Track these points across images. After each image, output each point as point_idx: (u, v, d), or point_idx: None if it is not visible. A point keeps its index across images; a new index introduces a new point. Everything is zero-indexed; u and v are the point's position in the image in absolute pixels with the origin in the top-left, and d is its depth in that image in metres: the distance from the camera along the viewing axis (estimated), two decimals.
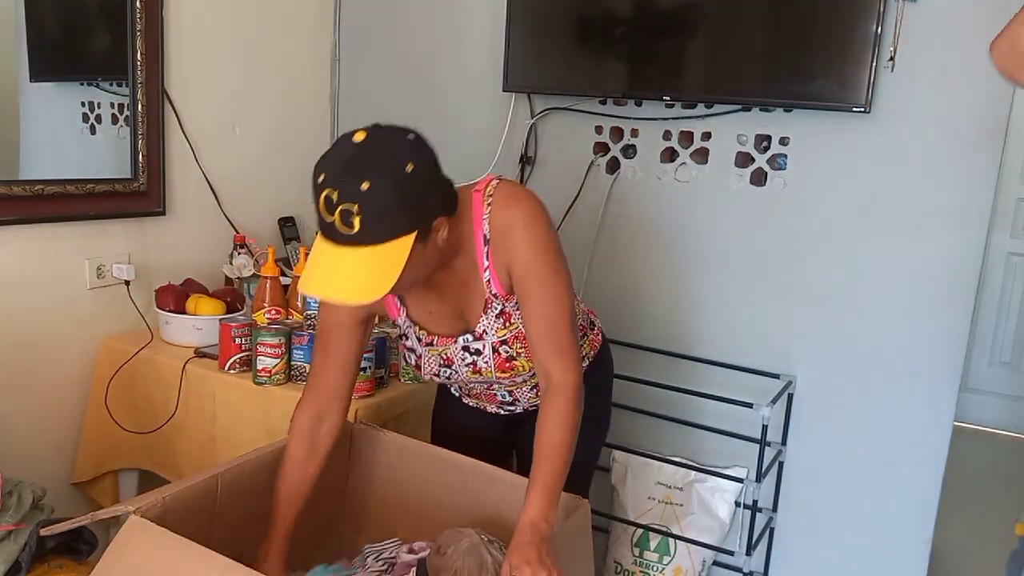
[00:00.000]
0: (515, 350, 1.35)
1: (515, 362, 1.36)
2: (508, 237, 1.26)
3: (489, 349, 1.36)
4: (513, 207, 1.27)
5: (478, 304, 1.33)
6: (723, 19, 2.02)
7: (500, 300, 1.32)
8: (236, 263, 2.14)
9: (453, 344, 1.37)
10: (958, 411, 1.99)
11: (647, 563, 2.15)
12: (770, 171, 2.08)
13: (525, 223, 1.26)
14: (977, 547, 2.81)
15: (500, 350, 1.36)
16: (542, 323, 1.28)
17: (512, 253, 1.27)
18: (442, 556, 1.21)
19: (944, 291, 1.93)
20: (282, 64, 2.44)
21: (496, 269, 1.29)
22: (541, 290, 1.27)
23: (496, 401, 1.52)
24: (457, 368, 1.39)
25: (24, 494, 1.46)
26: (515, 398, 1.50)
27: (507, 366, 1.37)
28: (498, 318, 1.34)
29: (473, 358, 1.37)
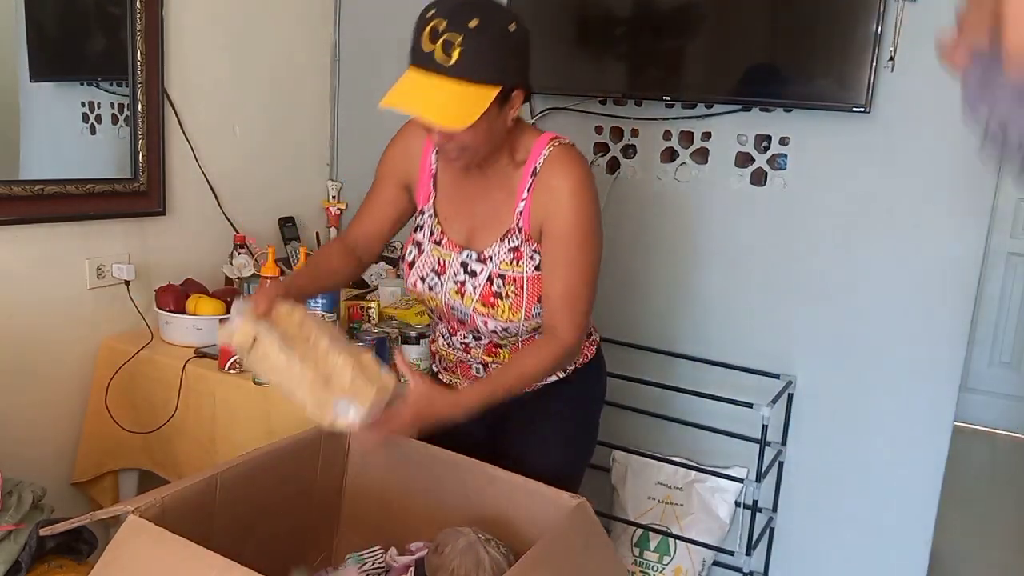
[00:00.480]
0: (506, 290, 1.35)
1: (500, 302, 1.36)
2: (554, 191, 1.31)
3: (485, 276, 1.36)
4: (569, 166, 1.31)
5: (498, 229, 1.36)
6: (723, 19, 2.02)
7: (521, 236, 1.34)
8: (236, 263, 2.14)
9: (456, 253, 1.39)
10: (958, 411, 1.99)
11: (647, 563, 2.15)
12: (770, 171, 2.08)
13: (574, 188, 1.30)
14: (977, 547, 2.81)
15: (494, 281, 1.36)
16: (562, 288, 1.32)
17: (553, 209, 1.31)
18: (440, 555, 1.21)
19: (944, 291, 1.93)
20: (282, 64, 2.44)
21: (531, 208, 1.33)
22: (570, 257, 1.31)
23: (470, 375, 1.50)
24: (444, 281, 1.39)
25: (24, 494, 1.47)
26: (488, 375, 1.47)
27: (491, 301, 1.36)
28: (510, 252, 1.35)
29: (465, 277, 1.38)
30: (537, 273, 1.35)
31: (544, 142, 1.34)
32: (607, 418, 2.20)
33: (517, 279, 1.35)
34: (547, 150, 1.33)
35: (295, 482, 1.40)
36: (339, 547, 1.50)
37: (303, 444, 1.41)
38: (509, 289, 1.35)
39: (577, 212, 1.31)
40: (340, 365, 1.24)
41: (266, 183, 2.44)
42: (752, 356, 2.14)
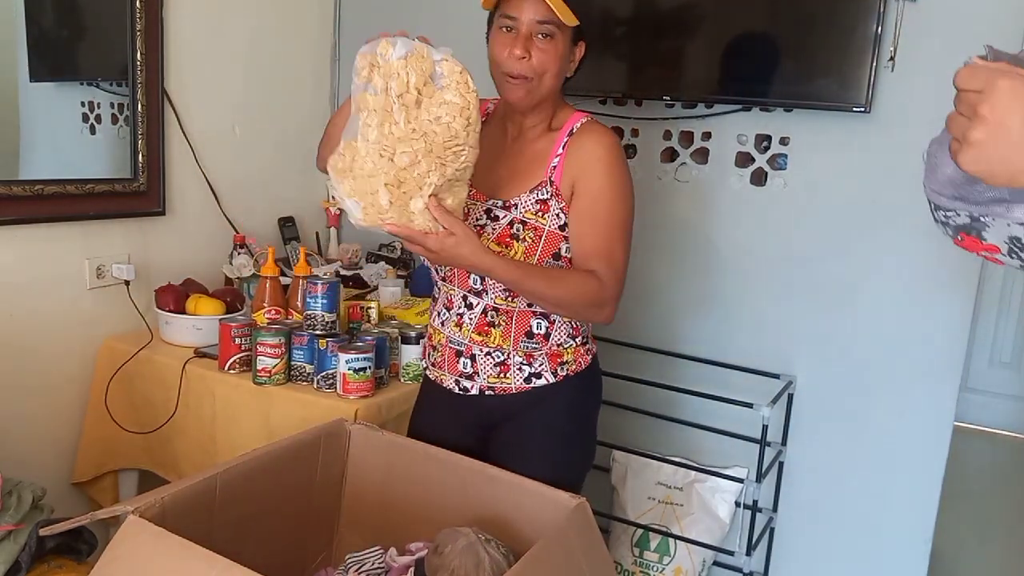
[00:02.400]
0: (524, 235, 1.38)
1: (515, 244, 1.39)
2: (590, 152, 1.38)
3: (506, 220, 1.39)
4: (606, 134, 1.41)
5: (529, 182, 1.40)
6: (723, 19, 2.02)
7: (551, 190, 1.39)
8: (236, 263, 2.14)
9: (481, 203, 1.43)
10: (958, 411, 1.99)
11: (647, 563, 2.15)
12: (770, 171, 2.08)
13: (609, 149, 1.38)
14: (977, 547, 2.81)
15: (514, 225, 1.39)
16: (594, 243, 1.37)
17: (587, 168, 1.37)
18: (439, 555, 1.21)
19: (944, 291, 1.93)
20: (282, 64, 2.44)
21: (565, 165, 1.39)
22: (602, 214, 1.37)
23: (456, 371, 1.48)
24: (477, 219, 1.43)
25: (24, 494, 1.47)
26: (476, 369, 1.46)
27: (506, 241, 1.39)
28: (537, 203, 1.39)
29: (486, 222, 1.41)
30: (559, 232, 1.39)
31: (581, 115, 1.44)
32: (607, 418, 2.21)
33: (538, 228, 1.38)
34: (583, 119, 1.42)
35: (295, 482, 1.40)
36: (339, 547, 1.50)
37: (303, 444, 1.41)
38: (528, 235, 1.38)
39: (610, 173, 1.37)
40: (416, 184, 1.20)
41: (266, 183, 2.44)
42: (752, 356, 2.14)
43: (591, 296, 1.34)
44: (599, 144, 1.38)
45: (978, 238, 0.72)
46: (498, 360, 1.45)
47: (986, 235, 0.71)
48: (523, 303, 1.42)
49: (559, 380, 1.47)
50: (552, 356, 1.46)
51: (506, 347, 1.44)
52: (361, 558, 1.39)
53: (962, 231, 0.73)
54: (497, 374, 1.46)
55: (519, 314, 1.43)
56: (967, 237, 0.73)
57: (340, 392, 1.66)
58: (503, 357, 1.45)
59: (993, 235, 0.70)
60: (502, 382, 1.46)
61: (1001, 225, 0.69)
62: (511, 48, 1.35)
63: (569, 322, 1.47)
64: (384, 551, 1.40)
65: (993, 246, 0.71)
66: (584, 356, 1.52)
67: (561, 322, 1.45)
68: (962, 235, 0.73)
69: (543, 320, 1.44)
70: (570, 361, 1.49)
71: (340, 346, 1.67)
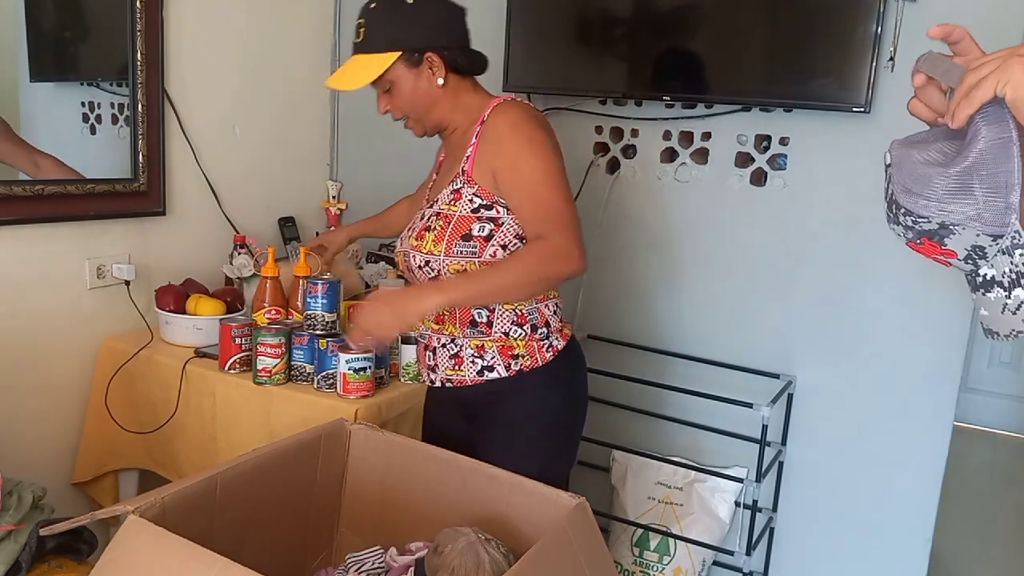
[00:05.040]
0: (435, 224, 1.46)
1: (427, 234, 1.47)
2: (496, 132, 1.43)
3: (427, 216, 1.49)
4: (514, 110, 1.44)
5: (449, 178, 1.50)
6: (723, 19, 2.02)
7: (463, 179, 1.46)
8: (236, 263, 2.14)
9: (427, 208, 1.53)
10: (958, 411, 1.99)
11: (647, 563, 2.15)
12: (770, 171, 2.08)
13: (517, 123, 1.42)
14: (977, 547, 2.81)
15: (429, 218, 1.48)
16: (531, 201, 1.39)
17: (499, 147, 1.42)
18: (439, 555, 1.21)
19: (944, 291, 1.93)
20: (282, 64, 2.44)
21: (477, 153, 1.45)
22: (529, 175, 1.39)
23: (425, 363, 1.61)
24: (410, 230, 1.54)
25: (24, 494, 1.47)
26: (436, 361, 1.56)
27: (421, 235, 1.48)
28: (451, 193, 1.47)
29: (416, 224, 1.52)
30: (470, 214, 1.44)
31: (496, 100, 1.48)
32: (607, 418, 2.22)
33: (448, 216, 1.45)
34: (495, 103, 1.48)
35: (295, 482, 1.40)
36: (339, 547, 1.50)
37: (303, 444, 1.41)
38: (437, 224, 1.46)
39: (521, 141, 1.40)
40: None
41: (266, 183, 2.44)
42: (752, 356, 2.14)
43: (547, 255, 1.34)
44: (502, 119, 1.43)
45: (939, 243, 0.76)
46: (452, 352, 1.52)
47: (948, 241, 0.75)
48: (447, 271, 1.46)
49: (512, 375, 1.49)
50: (503, 349, 1.49)
51: (458, 338, 1.51)
52: (361, 558, 1.39)
53: (925, 236, 0.77)
54: (453, 366, 1.53)
55: (461, 309, 1.49)
56: (927, 242, 0.77)
57: (340, 392, 1.66)
58: (456, 349, 1.52)
59: (956, 242, 0.75)
60: (457, 374, 1.53)
61: (969, 234, 0.73)
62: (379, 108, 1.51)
63: (513, 309, 1.48)
64: (384, 551, 1.40)
65: (951, 251, 0.75)
66: (542, 351, 1.51)
67: (502, 310, 1.48)
68: (923, 239, 0.77)
69: (482, 309, 1.48)
70: (524, 355, 1.50)
71: (340, 346, 1.67)
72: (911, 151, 0.78)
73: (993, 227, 0.72)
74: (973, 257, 0.75)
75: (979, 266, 0.76)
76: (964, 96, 0.72)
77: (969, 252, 0.75)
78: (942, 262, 0.78)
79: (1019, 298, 0.74)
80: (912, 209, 0.76)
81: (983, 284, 0.76)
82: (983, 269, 0.75)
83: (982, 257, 0.74)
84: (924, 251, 0.78)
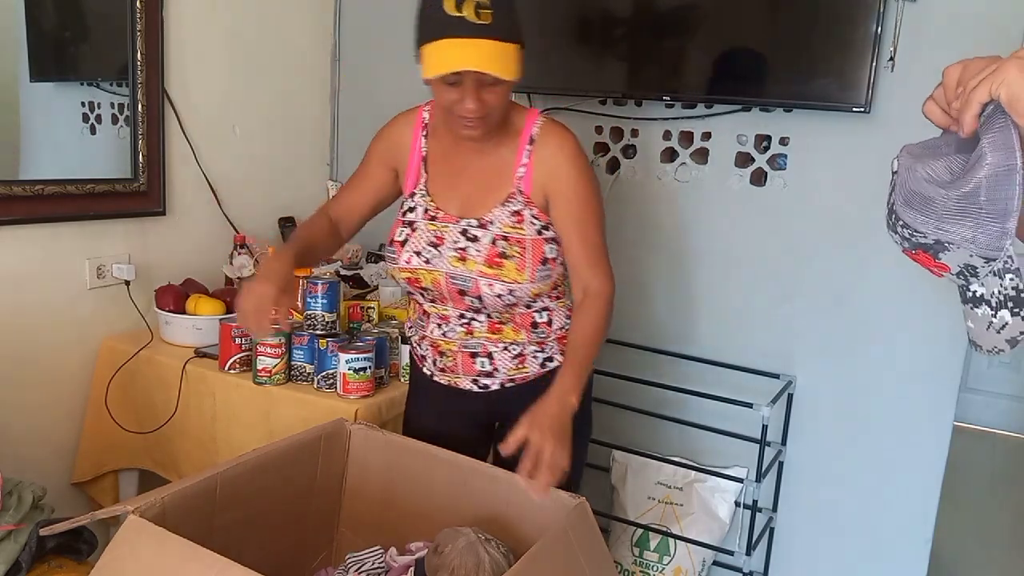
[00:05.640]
0: (511, 251, 1.38)
1: (504, 262, 1.38)
2: (555, 156, 1.39)
3: (488, 239, 1.39)
4: (566, 135, 1.42)
5: (498, 195, 1.40)
6: (723, 19, 2.02)
7: (522, 200, 1.40)
8: (236, 263, 2.14)
9: (455, 224, 1.41)
10: (958, 411, 1.99)
11: (647, 563, 2.15)
12: (770, 171, 2.08)
13: (574, 153, 1.41)
14: (977, 547, 2.81)
15: (498, 243, 1.38)
16: (582, 244, 1.40)
17: (557, 173, 1.39)
18: (439, 555, 1.21)
19: (944, 291, 1.92)
20: (282, 64, 2.44)
21: (532, 174, 1.40)
22: (582, 215, 1.40)
23: (474, 371, 1.48)
24: (443, 251, 1.40)
25: (24, 494, 1.47)
26: (495, 366, 1.47)
27: (496, 261, 1.38)
28: (512, 215, 1.40)
29: (467, 244, 1.39)
30: (539, 236, 1.40)
31: (535, 114, 1.43)
32: (607, 418, 2.21)
33: (522, 240, 1.39)
34: (540, 120, 1.42)
35: (295, 482, 1.40)
36: (339, 547, 1.50)
37: (303, 444, 1.41)
38: (514, 249, 1.38)
39: (580, 173, 1.40)
40: None
41: (266, 183, 2.44)
42: (752, 356, 2.14)
43: (608, 312, 1.41)
44: (563, 147, 1.40)
45: (933, 256, 0.79)
46: (515, 353, 1.48)
47: (943, 256, 0.78)
48: (528, 296, 1.42)
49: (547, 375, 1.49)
50: (560, 339, 1.50)
51: (520, 340, 1.47)
52: (361, 558, 1.39)
53: (920, 248, 0.79)
54: (515, 366, 1.49)
55: (521, 316, 1.46)
56: (922, 254, 0.80)
57: (340, 392, 1.67)
58: (519, 350, 1.48)
59: (949, 258, 0.77)
60: (520, 372, 1.50)
61: (963, 254, 0.76)
62: (462, 103, 1.28)
63: (565, 304, 1.51)
64: (384, 551, 1.40)
65: (944, 265, 0.78)
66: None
67: (557, 308, 1.49)
68: (919, 251, 0.80)
69: (543, 312, 1.47)
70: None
71: (340, 346, 1.67)
72: (917, 165, 0.79)
73: (987, 251, 0.74)
74: (965, 274, 0.78)
75: (970, 283, 0.78)
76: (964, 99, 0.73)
77: (961, 269, 0.77)
78: (936, 273, 0.81)
79: (1004, 319, 0.77)
80: (909, 223, 0.78)
81: (972, 299, 0.79)
82: (973, 286, 0.78)
83: (973, 275, 0.77)
84: (919, 261, 0.81)
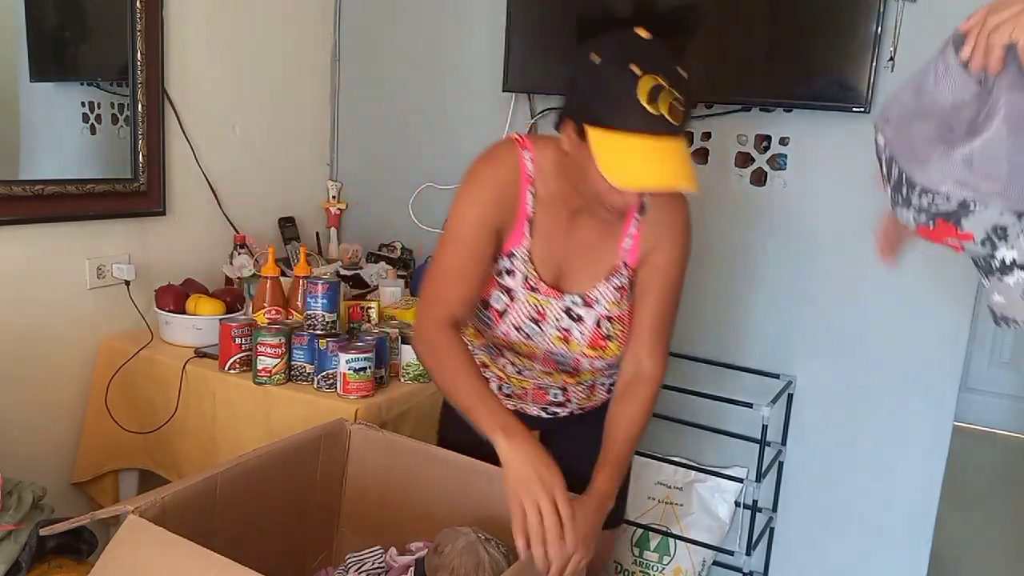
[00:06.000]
0: (615, 330, 1.31)
1: (609, 343, 1.31)
2: (666, 225, 1.29)
3: (592, 320, 1.30)
4: (682, 203, 1.31)
5: (602, 268, 1.30)
6: (723, 19, 2.02)
7: (626, 273, 1.31)
8: (236, 263, 2.14)
9: (558, 299, 1.30)
10: (958, 411, 1.99)
11: (647, 563, 2.15)
12: (770, 171, 2.08)
13: (686, 223, 1.32)
14: (977, 547, 2.81)
15: (602, 325, 1.31)
16: (655, 316, 1.31)
17: (663, 242, 1.30)
18: (439, 555, 1.21)
19: (944, 291, 1.93)
20: (282, 64, 2.44)
21: (640, 244, 1.30)
22: (669, 285, 1.31)
23: (545, 400, 1.44)
24: (545, 328, 1.31)
25: (24, 494, 1.47)
26: (567, 398, 1.43)
27: (601, 344, 1.31)
28: (617, 291, 1.31)
29: (570, 323, 1.31)
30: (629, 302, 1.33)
31: None
32: None
33: (623, 317, 1.32)
34: None
35: (295, 482, 1.40)
36: (339, 547, 1.50)
37: (303, 444, 1.41)
38: (616, 329, 1.32)
39: (685, 244, 1.31)
40: None
41: (266, 183, 2.44)
42: (752, 356, 2.14)
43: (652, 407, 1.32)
44: (677, 213, 1.30)
45: (955, 225, 0.72)
46: (587, 385, 1.45)
47: (965, 222, 0.71)
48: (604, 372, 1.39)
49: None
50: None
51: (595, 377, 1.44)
52: (361, 558, 1.39)
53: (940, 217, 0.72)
54: (586, 396, 1.46)
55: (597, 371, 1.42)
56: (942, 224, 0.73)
57: (340, 392, 1.67)
58: (591, 382, 1.45)
59: (974, 222, 0.71)
60: (590, 400, 1.46)
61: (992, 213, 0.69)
62: (625, 200, 1.16)
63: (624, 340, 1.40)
64: (384, 551, 1.40)
65: (967, 234, 0.72)
66: None
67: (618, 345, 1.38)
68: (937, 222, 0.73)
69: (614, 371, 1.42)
70: None
71: (340, 346, 1.67)
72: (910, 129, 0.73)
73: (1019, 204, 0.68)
74: (992, 239, 0.71)
75: (997, 249, 0.72)
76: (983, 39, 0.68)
77: (988, 234, 0.71)
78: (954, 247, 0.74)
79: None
80: (930, 187, 0.71)
81: (1000, 268, 0.72)
82: (1001, 252, 0.72)
83: (1002, 239, 0.71)
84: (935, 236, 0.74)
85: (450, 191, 2.46)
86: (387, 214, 2.58)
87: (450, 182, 2.46)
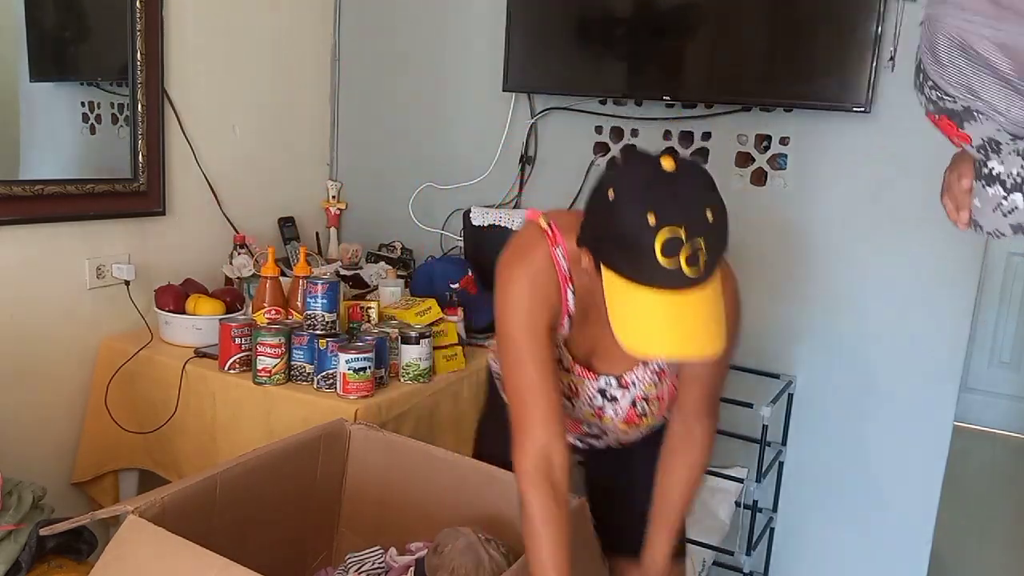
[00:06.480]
0: (651, 409, 1.29)
1: (644, 419, 1.30)
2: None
3: (627, 400, 1.28)
4: (728, 277, 1.17)
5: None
6: (723, 19, 2.02)
7: None
8: (236, 263, 2.14)
9: (592, 381, 1.28)
10: (958, 411, 1.99)
11: None
12: (770, 171, 2.08)
13: (733, 298, 1.19)
14: (977, 547, 2.81)
15: (638, 405, 1.28)
16: (706, 390, 1.26)
17: None
18: (439, 555, 1.21)
19: (944, 291, 1.93)
20: (282, 64, 2.44)
21: None
22: (719, 367, 1.24)
23: (579, 431, 1.39)
24: (578, 404, 1.30)
25: (24, 494, 1.47)
26: (603, 430, 1.38)
27: (636, 420, 1.30)
28: (654, 374, 1.27)
29: (604, 403, 1.29)
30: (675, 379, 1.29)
31: None
32: None
33: (661, 396, 1.29)
34: None
35: (295, 482, 1.40)
36: (339, 547, 1.50)
37: (303, 444, 1.41)
38: (653, 408, 1.30)
39: (735, 323, 1.19)
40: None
41: (266, 183, 2.44)
42: (752, 356, 2.14)
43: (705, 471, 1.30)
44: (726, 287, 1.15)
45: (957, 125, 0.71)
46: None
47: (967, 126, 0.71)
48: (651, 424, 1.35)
49: None
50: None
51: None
52: (361, 558, 1.39)
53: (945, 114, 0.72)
54: (626, 431, 1.39)
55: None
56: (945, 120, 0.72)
57: (340, 392, 1.66)
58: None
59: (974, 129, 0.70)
60: (627, 435, 1.40)
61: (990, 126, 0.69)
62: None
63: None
64: (384, 551, 1.40)
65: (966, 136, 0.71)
66: None
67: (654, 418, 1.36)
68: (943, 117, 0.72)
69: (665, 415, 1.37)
70: None
71: (340, 346, 1.67)
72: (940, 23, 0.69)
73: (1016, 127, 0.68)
74: (986, 149, 0.72)
75: (989, 159, 0.73)
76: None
77: (984, 143, 0.71)
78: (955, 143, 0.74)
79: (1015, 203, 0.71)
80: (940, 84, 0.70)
81: (986, 177, 0.73)
82: (991, 163, 0.73)
83: (995, 151, 0.71)
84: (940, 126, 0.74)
85: (450, 191, 2.47)
86: (387, 214, 2.58)
87: (450, 182, 2.46)
